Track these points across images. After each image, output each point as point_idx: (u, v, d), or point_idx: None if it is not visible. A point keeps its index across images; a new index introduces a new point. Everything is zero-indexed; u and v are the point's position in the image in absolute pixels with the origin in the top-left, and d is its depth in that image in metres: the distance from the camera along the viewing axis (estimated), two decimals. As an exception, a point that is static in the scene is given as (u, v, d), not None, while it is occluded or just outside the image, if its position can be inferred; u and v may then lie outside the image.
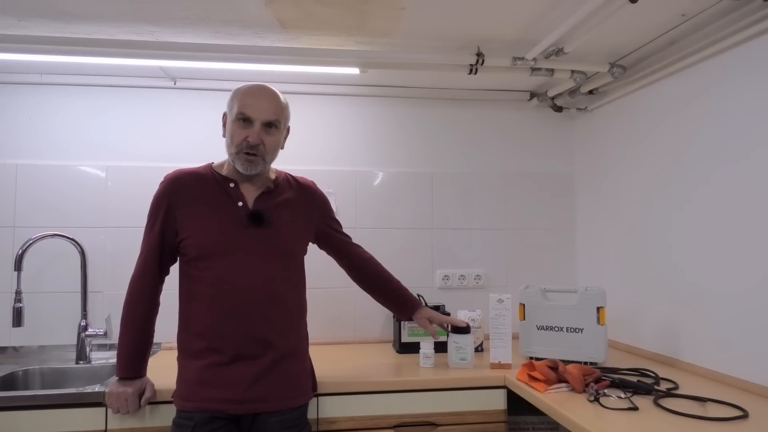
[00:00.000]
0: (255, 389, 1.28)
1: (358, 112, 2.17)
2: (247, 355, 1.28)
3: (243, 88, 1.35)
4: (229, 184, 1.36)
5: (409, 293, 1.64)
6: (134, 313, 1.33)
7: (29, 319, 1.88)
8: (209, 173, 1.38)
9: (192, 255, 1.31)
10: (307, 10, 1.47)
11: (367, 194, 2.14)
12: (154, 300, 1.36)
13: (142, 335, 1.34)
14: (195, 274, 1.31)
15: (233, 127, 1.33)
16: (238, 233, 1.31)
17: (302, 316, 1.42)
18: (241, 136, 1.31)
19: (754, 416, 1.18)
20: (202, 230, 1.31)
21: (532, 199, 2.25)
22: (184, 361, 1.32)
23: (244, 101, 1.31)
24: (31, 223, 1.92)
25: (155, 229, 1.33)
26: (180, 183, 1.35)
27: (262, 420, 1.30)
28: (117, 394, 1.33)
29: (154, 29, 1.59)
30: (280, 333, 1.32)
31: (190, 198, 1.33)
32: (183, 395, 1.30)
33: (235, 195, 1.35)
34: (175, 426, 1.29)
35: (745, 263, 1.41)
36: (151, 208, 1.35)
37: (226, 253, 1.30)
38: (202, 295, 1.30)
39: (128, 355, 1.34)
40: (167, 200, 1.33)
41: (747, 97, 1.41)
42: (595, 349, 1.63)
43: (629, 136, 1.91)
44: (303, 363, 1.39)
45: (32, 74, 1.95)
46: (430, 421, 1.52)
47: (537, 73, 1.80)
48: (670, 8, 1.45)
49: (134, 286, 1.34)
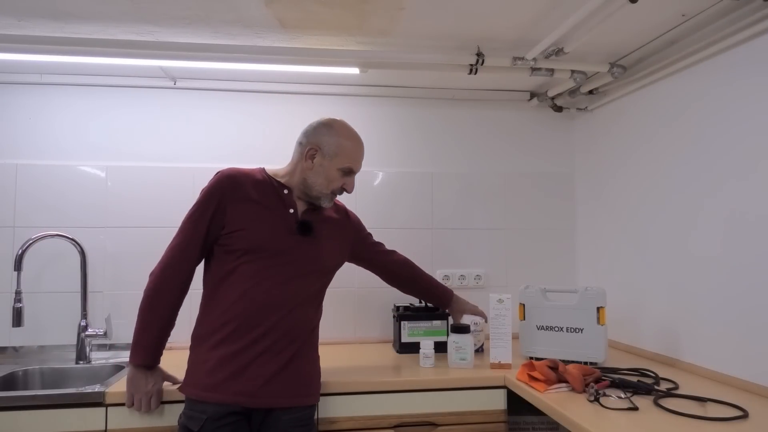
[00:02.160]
0: (272, 384, 1.30)
1: (358, 112, 2.17)
2: (269, 351, 1.31)
3: (352, 141, 1.44)
4: (284, 191, 1.42)
5: (441, 288, 1.78)
6: (165, 301, 1.34)
7: (29, 319, 1.88)
8: (265, 177, 1.43)
9: (238, 247, 1.33)
10: (307, 10, 1.47)
11: (367, 194, 2.14)
12: (186, 288, 1.37)
13: (168, 323, 1.35)
14: (235, 266, 1.34)
15: (335, 173, 1.41)
16: (286, 236, 1.38)
17: (319, 321, 1.48)
18: (340, 183, 1.43)
19: (754, 416, 1.18)
20: (255, 226, 1.35)
21: (532, 199, 2.25)
22: (202, 351, 1.32)
23: (356, 158, 1.44)
24: (31, 223, 1.92)
25: (204, 218, 1.35)
26: (235, 179, 1.38)
27: (275, 417, 1.32)
28: (143, 393, 1.34)
29: (154, 29, 1.59)
30: (301, 334, 1.37)
31: (244, 195, 1.37)
32: (198, 385, 1.29)
33: (289, 202, 1.42)
34: (187, 418, 1.28)
35: (746, 263, 1.41)
36: (201, 199, 1.37)
37: (273, 251, 1.35)
38: (238, 287, 1.32)
39: (152, 343, 1.34)
40: (220, 193, 1.36)
41: (747, 97, 1.41)
42: (595, 349, 1.63)
43: (629, 136, 1.91)
44: (315, 364, 1.43)
45: (32, 74, 1.95)
46: (430, 421, 1.52)
47: (537, 73, 1.80)
48: (670, 8, 1.45)
49: (167, 273, 1.34)
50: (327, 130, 1.42)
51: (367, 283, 2.08)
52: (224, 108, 2.09)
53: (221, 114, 2.08)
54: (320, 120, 1.45)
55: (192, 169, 2.02)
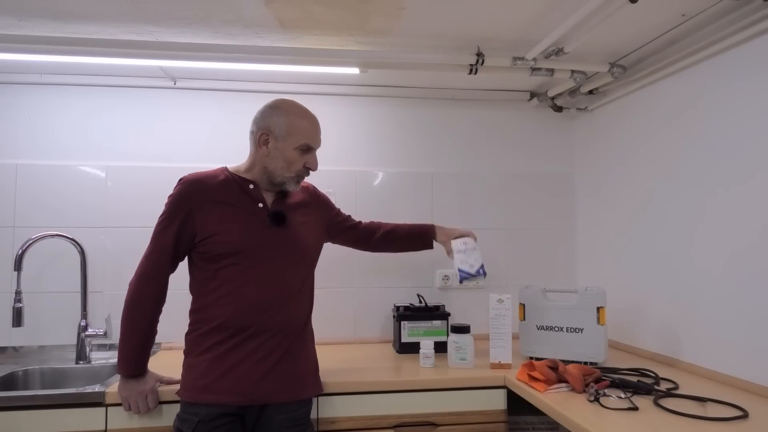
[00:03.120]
0: (264, 382, 1.31)
1: (358, 112, 2.17)
2: (260, 349, 1.31)
3: (303, 118, 1.40)
4: (249, 186, 1.40)
5: (419, 226, 1.73)
6: (142, 311, 1.34)
7: (29, 319, 1.88)
8: (228, 175, 1.41)
9: (216, 252, 1.33)
10: (307, 10, 1.47)
11: (367, 194, 2.14)
12: (162, 298, 1.37)
13: (149, 333, 1.35)
14: (216, 270, 1.33)
15: (293, 153, 1.38)
16: (261, 232, 1.37)
17: (310, 314, 1.47)
18: (301, 163, 1.39)
19: (754, 416, 1.18)
20: (228, 229, 1.34)
21: (532, 199, 2.25)
22: (195, 356, 1.33)
23: (310, 133, 1.40)
24: (31, 223, 1.92)
25: (172, 228, 1.34)
26: (200, 184, 1.37)
27: (268, 417, 1.32)
28: (137, 394, 1.34)
29: (154, 29, 1.59)
30: (293, 329, 1.38)
31: (211, 199, 1.36)
32: (192, 387, 1.30)
33: (256, 196, 1.40)
34: (180, 421, 1.29)
35: (746, 263, 1.41)
36: (168, 208, 1.36)
37: (251, 251, 1.34)
38: (223, 290, 1.32)
39: (135, 353, 1.34)
40: (187, 201, 1.35)
41: (747, 97, 1.41)
42: (595, 349, 1.63)
43: (629, 136, 1.91)
44: (309, 359, 1.43)
45: (32, 74, 1.95)
46: (430, 421, 1.52)
47: (537, 73, 1.80)
48: (670, 8, 1.45)
49: (142, 284, 1.34)
50: (273, 111, 1.39)
51: (367, 283, 2.08)
52: (224, 108, 2.09)
53: (221, 114, 2.08)
54: (267, 104, 1.41)
55: (192, 169, 1.99)
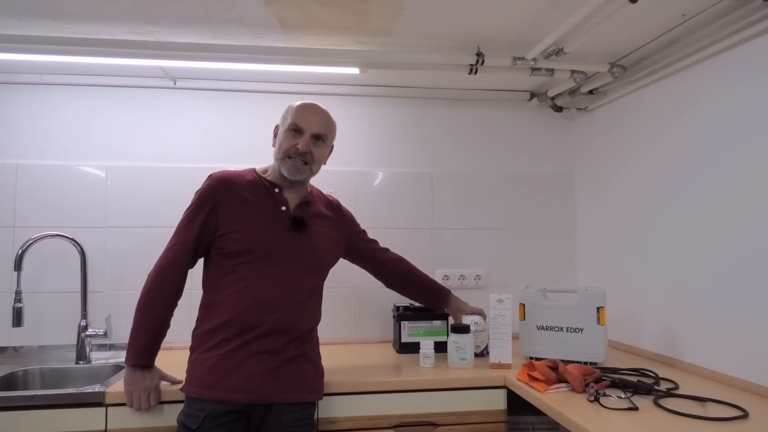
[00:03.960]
0: (272, 381, 1.31)
1: (358, 112, 2.17)
2: (269, 349, 1.32)
3: (298, 103, 1.45)
4: (275, 189, 1.43)
5: (438, 287, 1.78)
6: (158, 302, 1.35)
7: (29, 319, 1.87)
8: (255, 177, 1.45)
9: (232, 249, 1.35)
10: (307, 10, 1.47)
11: (367, 194, 2.14)
12: (179, 291, 1.39)
13: (162, 324, 1.36)
14: (231, 267, 1.35)
15: (284, 135, 1.42)
16: (280, 234, 1.39)
17: (317, 323, 1.49)
18: (290, 144, 1.40)
19: (754, 416, 1.18)
20: (248, 227, 1.36)
21: (532, 199, 2.25)
22: (202, 352, 1.33)
23: (298, 114, 1.42)
24: (31, 223, 1.92)
25: (196, 222, 1.36)
26: (227, 182, 1.40)
27: (274, 416, 1.32)
28: (141, 390, 1.35)
29: (154, 29, 1.59)
30: (301, 333, 1.38)
31: (236, 197, 1.39)
32: (198, 383, 1.30)
33: (280, 199, 1.43)
34: (185, 416, 1.29)
35: (746, 263, 1.41)
36: (194, 202, 1.39)
37: (268, 251, 1.36)
38: (236, 287, 1.34)
39: (146, 342, 1.35)
40: (213, 196, 1.38)
41: (747, 97, 1.41)
42: (595, 349, 1.63)
43: (629, 136, 1.90)
44: (317, 364, 1.44)
45: (32, 74, 1.95)
46: (430, 421, 1.52)
47: (537, 73, 1.80)
48: (670, 8, 1.45)
49: (162, 275, 1.36)
50: (286, 108, 1.47)
51: (367, 283, 2.07)
52: (224, 108, 2.09)
53: (221, 114, 2.08)
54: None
55: (192, 169, 2.02)
